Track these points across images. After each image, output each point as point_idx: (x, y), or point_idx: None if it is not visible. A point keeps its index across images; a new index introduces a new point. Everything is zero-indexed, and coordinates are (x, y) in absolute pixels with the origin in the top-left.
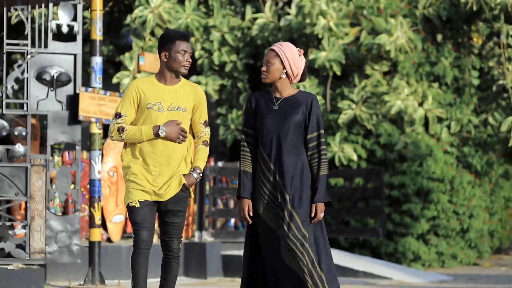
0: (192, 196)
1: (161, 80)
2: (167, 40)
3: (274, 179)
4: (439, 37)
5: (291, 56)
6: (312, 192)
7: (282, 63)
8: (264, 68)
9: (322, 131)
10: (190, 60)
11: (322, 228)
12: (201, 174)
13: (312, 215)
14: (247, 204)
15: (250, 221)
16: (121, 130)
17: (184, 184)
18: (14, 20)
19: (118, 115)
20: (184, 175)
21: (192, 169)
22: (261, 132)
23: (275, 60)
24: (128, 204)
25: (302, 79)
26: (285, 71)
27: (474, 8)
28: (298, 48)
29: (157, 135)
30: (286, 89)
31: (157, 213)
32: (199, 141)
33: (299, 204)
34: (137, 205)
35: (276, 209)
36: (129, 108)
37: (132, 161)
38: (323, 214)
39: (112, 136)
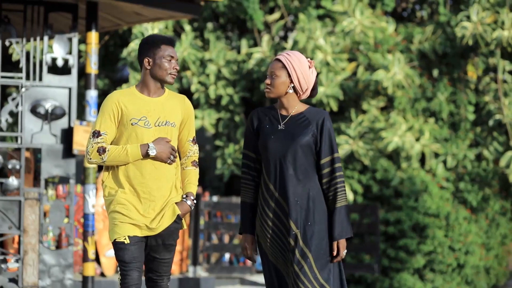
0: (185, 227)
1: (143, 91)
2: (151, 44)
3: (279, 211)
4: (435, 72)
5: (299, 68)
6: (330, 227)
7: (289, 75)
8: (268, 81)
9: (336, 155)
10: (178, 68)
11: (339, 266)
12: (195, 201)
13: (334, 253)
14: (250, 241)
15: (255, 261)
16: (101, 150)
17: (178, 214)
18: (15, 57)
19: (96, 134)
20: (176, 203)
21: (184, 196)
22: (264, 155)
23: (281, 72)
24: (115, 239)
25: (312, 95)
26: (292, 85)
27: (470, 43)
28: (309, 59)
29: (146, 155)
30: (294, 106)
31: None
32: (187, 161)
33: (311, 241)
34: (127, 241)
35: (283, 246)
36: (109, 125)
37: (116, 189)
38: (345, 252)
39: (90, 159)
